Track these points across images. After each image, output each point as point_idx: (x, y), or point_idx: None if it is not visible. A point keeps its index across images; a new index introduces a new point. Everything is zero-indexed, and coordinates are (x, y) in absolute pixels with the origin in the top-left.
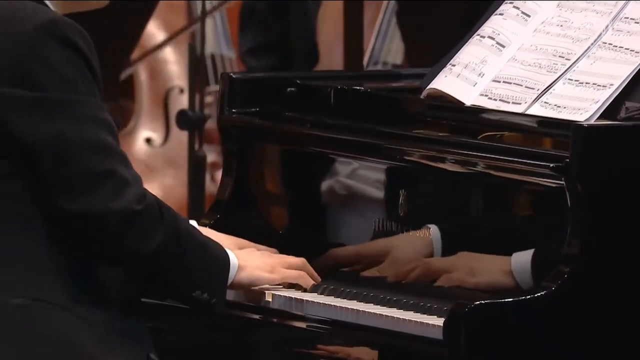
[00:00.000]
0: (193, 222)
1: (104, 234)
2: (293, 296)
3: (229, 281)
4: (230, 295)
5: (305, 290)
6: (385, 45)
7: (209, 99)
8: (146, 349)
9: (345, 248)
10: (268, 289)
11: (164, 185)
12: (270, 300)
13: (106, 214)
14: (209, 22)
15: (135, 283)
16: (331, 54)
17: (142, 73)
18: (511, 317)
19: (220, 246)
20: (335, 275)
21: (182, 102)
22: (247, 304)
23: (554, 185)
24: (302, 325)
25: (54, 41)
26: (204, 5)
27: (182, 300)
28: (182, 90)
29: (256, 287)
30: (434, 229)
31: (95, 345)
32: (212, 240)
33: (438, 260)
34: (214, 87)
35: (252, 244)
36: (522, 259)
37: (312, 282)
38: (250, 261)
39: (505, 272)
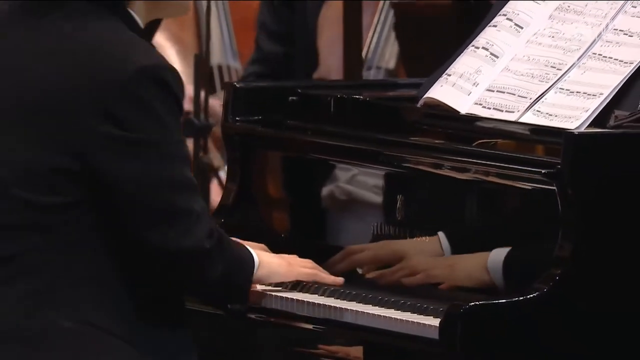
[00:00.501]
0: None
1: (175, 267)
2: (295, 297)
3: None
4: None
5: (304, 290)
6: (379, 50)
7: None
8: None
9: (364, 252)
10: (271, 291)
11: None
12: (273, 301)
13: (179, 251)
14: (215, 33)
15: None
16: (331, 56)
17: None
18: (504, 318)
19: (247, 249)
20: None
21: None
22: (251, 305)
23: (545, 190)
24: (304, 325)
25: (152, 83)
26: (208, 16)
27: (217, 308)
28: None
29: (262, 289)
30: (442, 236)
31: None
32: (242, 246)
33: (422, 261)
34: (219, 97)
35: (266, 247)
36: (497, 257)
37: (328, 279)
38: (267, 259)
39: (483, 269)
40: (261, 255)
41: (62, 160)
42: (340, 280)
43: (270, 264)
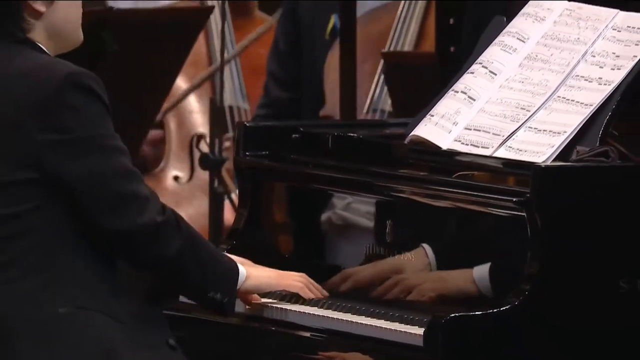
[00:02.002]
0: None
1: (134, 245)
2: (296, 309)
3: (237, 286)
4: (240, 307)
5: (305, 303)
6: (383, 94)
7: (227, 144)
8: (165, 335)
9: (363, 273)
10: (273, 303)
11: (189, 215)
12: (275, 312)
13: (135, 228)
14: (227, 77)
15: (151, 284)
16: (335, 96)
17: (171, 122)
18: (481, 327)
19: (230, 257)
20: (332, 291)
21: (204, 146)
22: (253, 314)
23: (515, 215)
24: (304, 334)
25: (76, 89)
26: (222, 63)
27: (199, 300)
28: (203, 137)
29: (264, 301)
30: (428, 250)
31: (126, 340)
32: (221, 251)
33: (416, 276)
34: (231, 134)
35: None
36: (482, 271)
37: (311, 294)
38: (255, 272)
39: (469, 282)
40: (248, 268)
41: (20, 172)
42: (324, 293)
43: (259, 277)
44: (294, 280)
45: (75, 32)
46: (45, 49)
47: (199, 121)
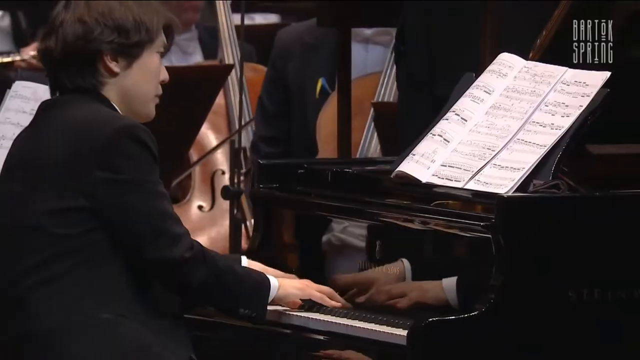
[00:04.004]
0: (244, 257)
1: (164, 274)
2: (303, 315)
3: (271, 297)
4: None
5: (318, 311)
6: (371, 144)
7: (241, 177)
8: (189, 351)
9: (344, 277)
10: (287, 311)
11: (211, 238)
12: (289, 318)
13: (164, 261)
14: (246, 118)
15: (182, 302)
16: (328, 146)
17: (195, 158)
18: (453, 330)
19: (262, 274)
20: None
21: (224, 180)
22: (273, 320)
23: (483, 237)
24: (310, 335)
25: (130, 140)
26: (240, 110)
27: (233, 315)
28: (224, 172)
29: (281, 308)
30: (406, 264)
31: (159, 347)
32: (255, 270)
33: (397, 286)
34: (244, 170)
35: (293, 276)
36: (450, 282)
37: (332, 303)
38: (287, 283)
39: (440, 291)
40: (281, 281)
41: (76, 201)
42: (345, 304)
43: (288, 287)
44: (318, 290)
45: (145, 104)
46: (116, 107)
47: (219, 159)
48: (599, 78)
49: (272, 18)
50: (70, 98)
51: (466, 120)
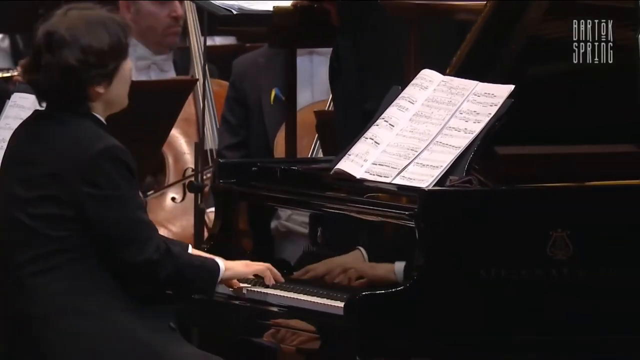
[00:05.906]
0: (189, 247)
1: (135, 272)
2: (261, 290)
3: (219, 277)
4: (220, 289)
5: (268, 287)
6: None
7: (207, 174)
8: (168, 320)
9: (318, 269)
10: (246, 287)
11: (182, 225)
12: (246, 293)
13: (134, 263)
14: (208, 127)
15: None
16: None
17: (169, 158)
18: (383, 302)
19: (213, 260)
20: (286, 278)
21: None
22: (233, 294)
23: (409, 225)
24: (265, 307)
25: (109, 160)
26: (203, 117)
27: (187, 299)
28: (193, 170)
29: (238, 284)
30: (363, 251)
31: (141, 326)
32: (206, 258)
33: (356, 269)
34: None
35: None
36: (399, 266)
37: (272, 278)
38: (231, 264)
39: (389, 272)
40: (226, 263)
41: (66, 210)
42: (280, 278)
43: (233, 267)
44: (259, 267)
45: (123, 100)
46: (100, 118)
47: (189, 159)
48: (505, 90)
49: (230, 40)
50: (61, 115)
51: (393, 126)
